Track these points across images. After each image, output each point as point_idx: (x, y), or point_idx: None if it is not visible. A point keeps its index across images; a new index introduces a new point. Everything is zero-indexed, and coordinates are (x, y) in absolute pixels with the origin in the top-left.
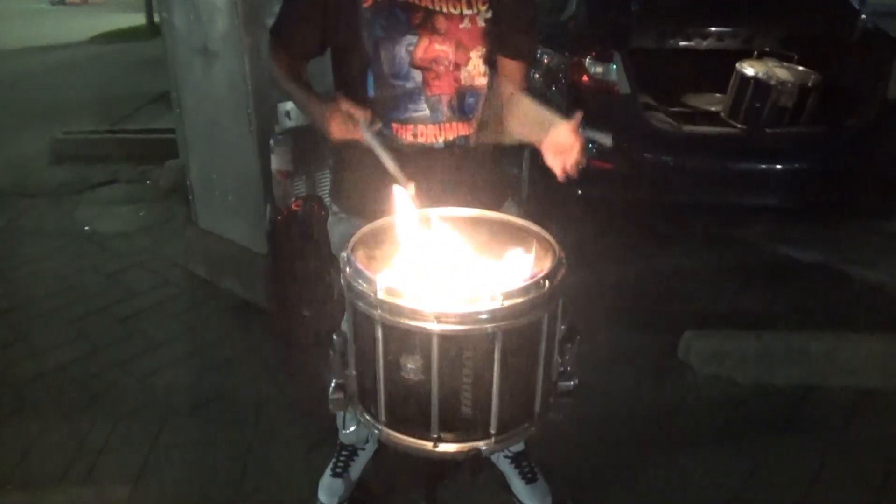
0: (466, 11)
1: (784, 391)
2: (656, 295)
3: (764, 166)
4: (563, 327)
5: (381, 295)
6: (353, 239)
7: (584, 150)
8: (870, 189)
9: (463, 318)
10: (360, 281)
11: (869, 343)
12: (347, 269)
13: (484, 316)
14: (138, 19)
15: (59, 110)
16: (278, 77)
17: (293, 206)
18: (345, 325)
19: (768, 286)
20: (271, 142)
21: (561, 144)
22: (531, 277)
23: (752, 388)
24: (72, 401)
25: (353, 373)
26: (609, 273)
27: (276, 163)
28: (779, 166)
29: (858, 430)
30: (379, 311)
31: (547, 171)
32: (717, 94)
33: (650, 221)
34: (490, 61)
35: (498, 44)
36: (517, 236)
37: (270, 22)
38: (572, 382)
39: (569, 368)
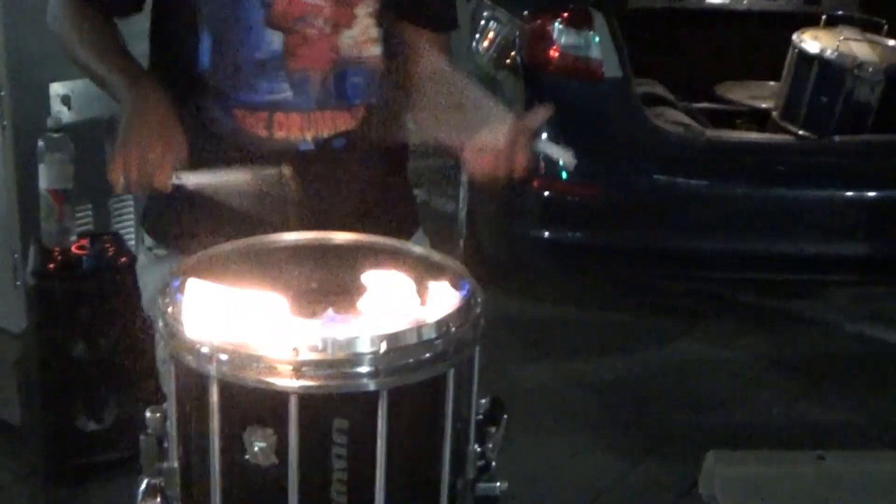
0: None
1: None
2: (667, 401)
3: (835, 194)
4: (482, 401)
5: (218, 342)
6: (177, 270)
7: (527, 152)
8: None
9: (333, 372)
10: (188, 324)
11: None
12: (169, 310)
13: (363, 368)
14: None
15: None
16: (71, 41)
17: (74, 248)
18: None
19: (843, 388)
20: (39, 145)
21: (494, 144)
22: (428, 316)
23: None
24: None
25: (175, 465)
26: (596, 367)
27: (46, 179)
28: (856, 194)
29: None
30: (215, 365)
31: (496, 203)
32: (770, 83)
33: (657, 284)
34: (385, 23)
35: (402, 3)
36: (413, 267)
37: None
38: (498, 485)
39: (493, 464)
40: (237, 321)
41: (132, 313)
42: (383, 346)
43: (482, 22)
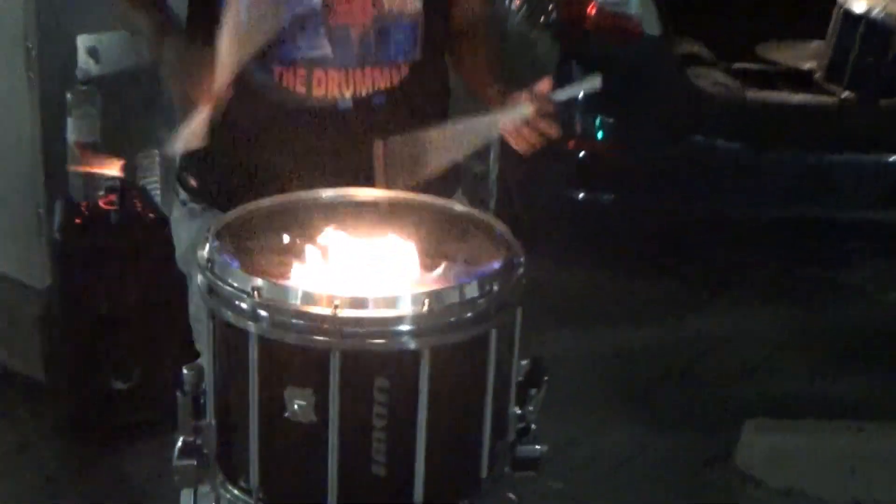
0: None
1: None
2: (695, 371)
3: (879, 158)
4: (523, 363)
5: (259, 298)
6: (217, 225)
7: (550, 115)
8: None
9: (375, 330)
10: (228, 280)
11: None
12: (209, 265)
13: (405, 326)
14: None
15: None
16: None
17: (101, 203)
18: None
19: (875, 359)
20: (68, 97)
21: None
22: (473, 276)
23: None
24: None
25: (212, 423)
26: (624, 334)
27: (74, 131)
28: None
29: None
30: (255, 322)
31: (529, 164)
32: (813, 43)
33: (695, 251)
34: None
35: None
36: (456, 227)
37: None
38: (538, 448)
39: (532, 426)
40: (280, 278)
41: (161, 269)
42: (426, 305)
43: None
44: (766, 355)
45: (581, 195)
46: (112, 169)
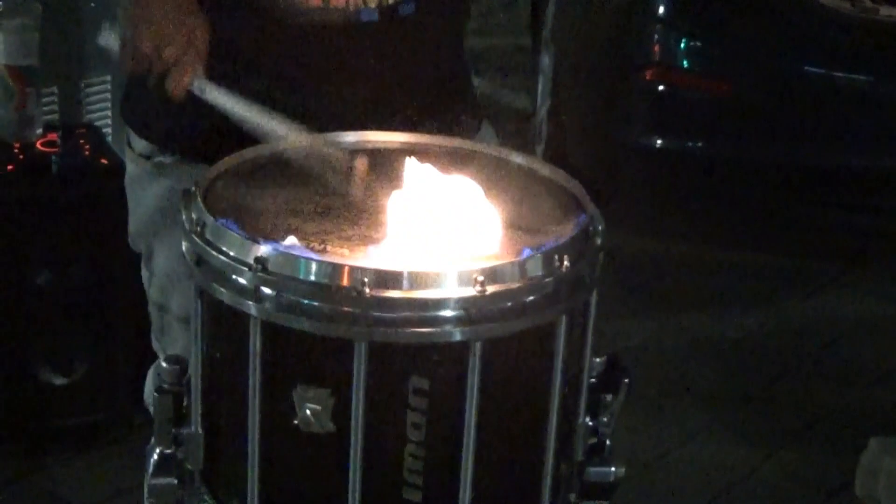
0: None
1: None
2: (811, 371)
3: None
4: (597, 360)
5: (263, 272)
6: (206, 177)
7: None
8: None
9: (411, 316)
10: (223, 247)
11: None
12: (196, 229)
13: (451, 312)
14: None
15: None
16: None
17: (39, 144)
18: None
19: None
20: None
21: None
22: (538, 248)
23: None
24: None
25: (198, 431)
26: (716, 323)
27: (4, 52)
28: None
29: None
30: (258, 302)
31: (591, 99)
32: None
33: (804, 214)
34: None
35: None
36: (511, 180)
37: None
38: (613, 470)
39: (608, 442)
40: (287, 244)
41: (117, 235)
42: (477, 285)
43: None
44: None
45: (659, 142)
46: (51, 102)
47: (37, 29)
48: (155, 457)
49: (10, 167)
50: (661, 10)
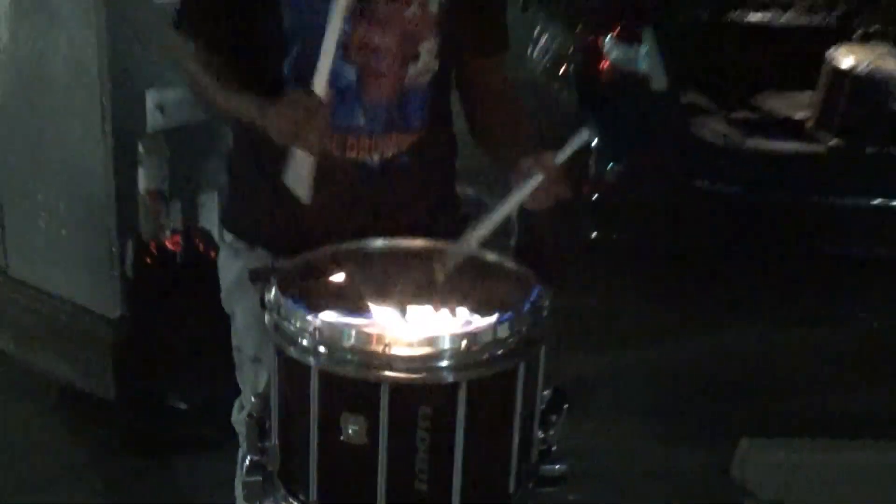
0: None
1: None
2: (709, 390)
3: (860, 201)
4: (545, 393)
5: (319, 337)
6: (282, 271)
7: (562, 179)
8: None
9: (419, 365)
10: (292, 320)
11: None
12: (276, 307)
13: (446, 362)
14: None
15: None
16: (191, 64)
17: (168, 243)
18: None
19: (877, 379)
20: (140, 149)
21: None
22: (503, 316)
23: None
24: None
25: (276, 443)
26: (642, 357)
27: (145, 179)
28: (882, 201)
29: None
30: (315, 357)
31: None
32: (806, 94)
33: (701, 281)
34: (445, 55)
35: (459, 35)
36: (485, 271)
37: None
38: (558, 467)
39: (554, 448)
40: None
41: (218, 301)
42: (464, 343)
43: (538, 33)
44: (773, 374)
45: (594, 234)
46: (177, 212)
47: (166, 163)
48: (247, 462)
49: (147, 260)
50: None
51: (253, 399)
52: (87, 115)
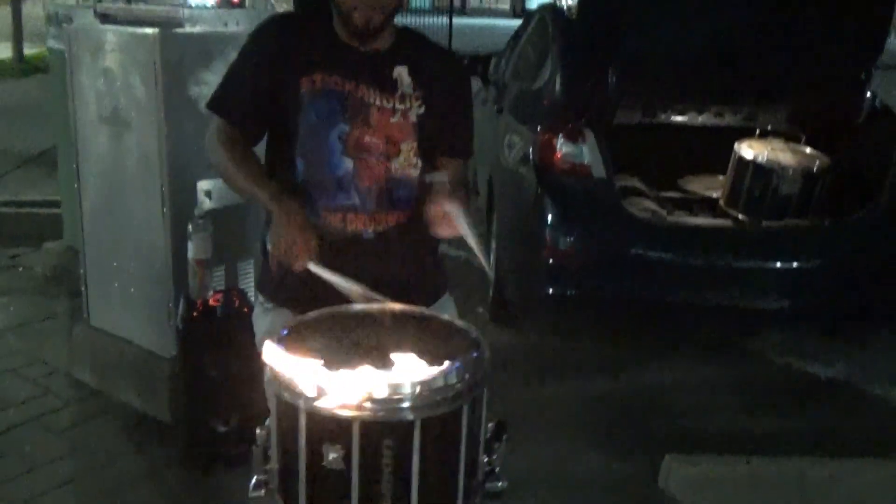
0: (399, 106)
1: None
2: (641, 413)
3: (760, 264)
4: (490, 425)
5: (306, 384)
6: (283, 329)
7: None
8: (889, 293)
9: (384, 406)
10: (286, 370)
11: (877, 470)
12: (273, 359)
13: (405, 404)
14: (2, 51)
15: None
16: (223, 161)
17: (211, 301)
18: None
19: (775, 406)
20: (189, 227)
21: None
22: (451, 366)
23: None
24: None
25: (276, 466)
26: (586, 387)
27: (194, 250)
28: (777, 264)
29: None
30: (303, 399)
31: (514, 268)
32: (720, 177)
33: (635, 326)
34: (421, 153)
35: (434, 139)
36: (437, 329)
37: (194, 90)
38: (500, 483)
39: (497, 469)
40: (320, 369)
41: (251, 347)
42: (419, 389)
43: (508, 135)
44: (695, 401)
45: (551, 290)
46: (220, 276)
47: (211, 236)
48: (254, 480)
49: (194, 314)
50: (550, 217)
51: (258, 430)
52: (151, 199)
